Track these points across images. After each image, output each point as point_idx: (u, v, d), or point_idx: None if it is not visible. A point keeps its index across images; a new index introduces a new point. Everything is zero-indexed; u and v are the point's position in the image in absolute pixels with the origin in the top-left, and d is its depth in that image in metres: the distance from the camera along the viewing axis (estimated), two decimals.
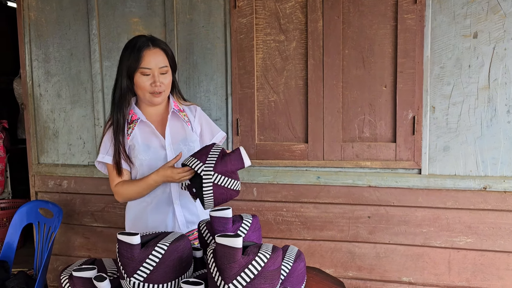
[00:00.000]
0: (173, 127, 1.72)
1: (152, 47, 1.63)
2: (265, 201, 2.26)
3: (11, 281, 2.16)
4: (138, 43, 1.63)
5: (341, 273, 2.21)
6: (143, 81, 1.62)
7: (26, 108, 2.59)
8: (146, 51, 1.61)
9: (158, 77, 1.62)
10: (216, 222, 1.32)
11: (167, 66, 1.65)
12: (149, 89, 1.63)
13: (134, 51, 1.62)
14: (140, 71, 1.61)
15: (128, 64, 1.62)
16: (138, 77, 1.63)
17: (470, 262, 2.06)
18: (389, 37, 2.04)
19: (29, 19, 2.53)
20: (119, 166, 1.67)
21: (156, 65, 1.62)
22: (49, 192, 2.60)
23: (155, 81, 1.62)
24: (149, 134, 1.69)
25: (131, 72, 1.63)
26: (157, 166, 1.66)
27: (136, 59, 1.60)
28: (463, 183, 2.02)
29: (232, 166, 1.45)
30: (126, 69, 1.63)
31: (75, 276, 1.20)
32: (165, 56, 1.66)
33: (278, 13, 2.14)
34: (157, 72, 1.62)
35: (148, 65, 1.61)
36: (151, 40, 1.65)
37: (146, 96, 1.66)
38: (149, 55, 1.61)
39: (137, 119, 1.68)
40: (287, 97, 2.18)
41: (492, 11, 1.93)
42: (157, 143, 1.69)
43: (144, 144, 1.68)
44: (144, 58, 1.60)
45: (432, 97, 2.03)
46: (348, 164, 2.13)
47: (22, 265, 2.83)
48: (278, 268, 1.11)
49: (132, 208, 1.76)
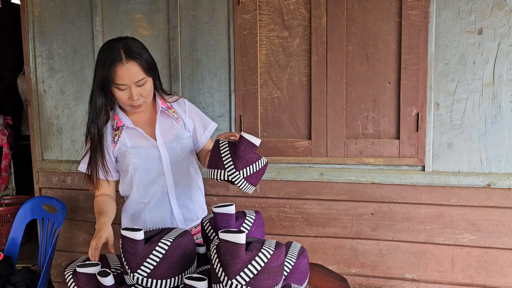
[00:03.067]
0: (163, 126, 1.66)
1: (125, 61, 1.48)
2: (268, 197, 2.26)
3: (15, 276, 2.17)
4: (109, 58, 1.49)
5: (344, 269, 2.21)
6: (120, 95, 1.53)
7: (30, 104, 2.60)
8: (119, 67, 1.48)
9: (134, 90, 1.51)
10: (220, 218, 1.32)
11: (144, 78, 1.52)
12: (128, 102, 1.55)
13: (105, 67, 1.49)
14: (115, 86, 1.52)
15: (101, 79, 1.51)
16: (115, 91, 1.53)
17: (474, 259, 2.06)
18: (393, 33, 2.03)
19: (32, 15, 2.53)
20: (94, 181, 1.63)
21: (131, 80, 1.50)
22: (53, 188, 2.61)
23: (132, 95, 1.52)
24: (138, 138, 1.63)
25: (106, 87, 1.53)
26: (152, 168, 1.63)
27: (108, 76, 1.49)
28: (467, 180, 2.01)
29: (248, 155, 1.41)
30: (101, 84, 1.52)
31: (79, 272, 1.20)
32: (140, 67, 1.51)
33: (281, 9, 2.14)
34: (133, 86, 1.51)
35: (122, 81, 1.49)
36: (124, 51, 1.49)
37: (127, 107, 1.58)
38: (122, 71, 1.48)
39: (123, 126, 1.62)
40: (290, 93, 2.18)
41: (497, 7, 1.92)
42: (148, 144, 1.63)
43: (134, 147, 1.62)
44: (117, 74, 1.48)
45: (436, 93, 2.02)
46: (352, 161, 2.13)
47: (26, 260, 2.85)
48: (281, 264, 1.11)
49: (129, 208, 1.72)
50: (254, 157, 1.42)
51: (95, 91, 1.55)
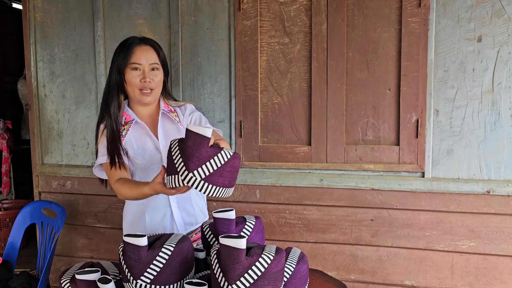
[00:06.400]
0: (164, 128, 1.70)
1: (143, 44, 1.64)
2: (268, 203, 2.26)
3: (14, 281, 2.17)
4: (129, 40, 1.65)
5: (343, 276, 2.20)
6: (133, 76, 1.61)
7: (31, 108, 2.60)
8: (137, 47, 1.63)
9: (148, 73, 1.62)
10: (220, 223, 1.33)
11: (157, 63, 1.65)
12: (139, 85, 1.62)
13: (124, 48, 1.63)
14: (130, 66, 1.61)
15: (118, 61, 1.63)
16: (128, 73, 1.62)
17: (473, 266, 2.05)
18: (393, 40, 2.04)
19: (34, 20, 2.55)
20: (114, 160, 1.59)
21: (147, 61, 1.62)
22: (52, 193, 2.61)
23: (145, 76, 1.61)
24: (143, 137, 1.67)
25: (121, 68, 1.62)
26: (152, 169, 1.64)
27: (126, 55, 1.61)
28: (467, 187, 2.01)
29: (199, 151, 1.18)
30: (117, 66, 1.63)
31: (78, 279, 1.17)
32: (156, 54, 1.66)
33: (282, 16, 2.15)
34: (147, 68, 1.62)
35: (138, 60, 1.61)
36: (142, 39, 1.67)
37: (136, 93, 1.63)
38: (139, 51, 1.62)
39: (132, 120, 1.66)
40: (290, 99, 2.18)
41: (497, 15, 1.93)
42: (152, 146, 1.66)
43: (139, 147, 1.65)
44: (134, 54, 1.61)
45: (435, 100, 2.03)
46: (351, 167, 2.13)
47: (25, 265, 2.83)
48: (281, 269, 1.11)
49: (129, 210, 1.74)
50: (209, 152, 1.19)
51: (109, 76, 1.66)
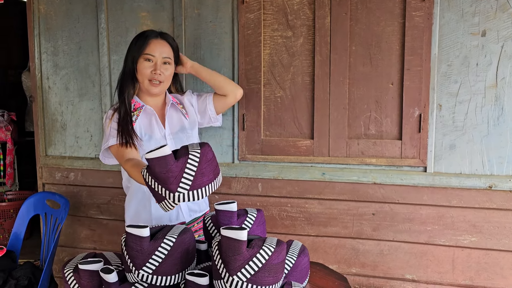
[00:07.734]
0: (171, 118, 1.78)
1: (160, 38, 1.72)
2: (270, 196, 2.27)
3: (18, 271, 2.19)
4: (147, 32, 1.73)
5: (344, 269, 2.21)
6: (144, 66, 1.68)
7: (35, 100, 2.62)
8: (153, 40, 1.70)
9: (160, 66, 1.68)
10: (221, 215, 1.34)
11: (170, 58, 1.72)
12: (149, 76, 1.68)
13: (141, 38, 1.70)
14: (144, 56, 1.67)
15: (133, 50, 1.70)
16: (140, 63, 1.68)
17: (474, 261, 2.06)
18: (396, 34, 2.03)
19: (38, 12, 2.55)
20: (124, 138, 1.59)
21: (160, 54, 1.69)
22: (56, 184, 2.63)
23: (156, 69, 1.67)
24: (150, 124, 1.73)
25: (135, 57, 1.69)
26: None
27: (141, 46, 1.68)
28: (469, 182, 2.01)
29: (168, 170, 1.13)
30: (131, 55, 1.70)
31: (81, 269, 1.18)
32: (170, 49, 1.73)
33: (285, 9, 2.14)
34: (159, 61, 1.69)
35: (152, 52, 1.68)
36: (160, 33, 1.74)
37: (145, 83, 1.70)
38: (154, 44, 1.69)
39: (141, 106, 1.72)
40: (293, 93, 2.18)
41: (501, 9, 1.92)
42: (158, 134, 1.73)
43: (146, 134, 1.71)
44: (150, 45, 1.68)
45: (439, 95, 2.03)
46: (354, 161, 2.14)
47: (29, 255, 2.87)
48: (282, 261, 1.12)
49: (133, 199, 1.77)
50: (179, 165, 1.13)
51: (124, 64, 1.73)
